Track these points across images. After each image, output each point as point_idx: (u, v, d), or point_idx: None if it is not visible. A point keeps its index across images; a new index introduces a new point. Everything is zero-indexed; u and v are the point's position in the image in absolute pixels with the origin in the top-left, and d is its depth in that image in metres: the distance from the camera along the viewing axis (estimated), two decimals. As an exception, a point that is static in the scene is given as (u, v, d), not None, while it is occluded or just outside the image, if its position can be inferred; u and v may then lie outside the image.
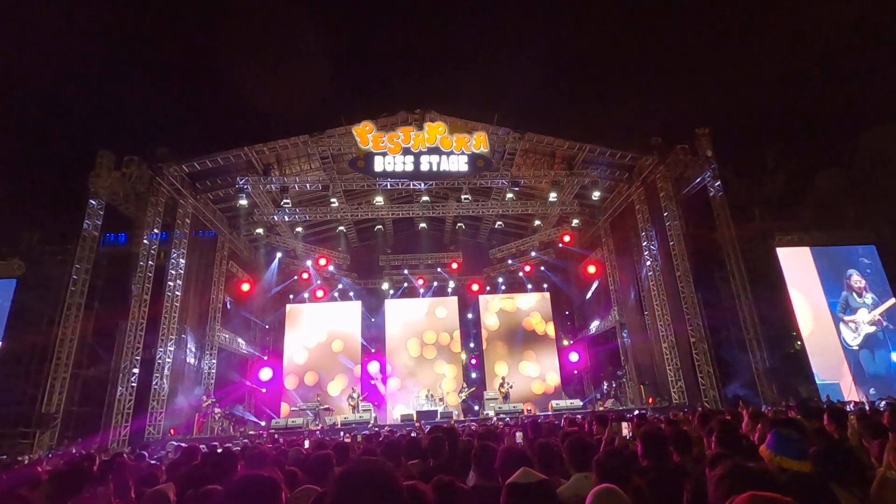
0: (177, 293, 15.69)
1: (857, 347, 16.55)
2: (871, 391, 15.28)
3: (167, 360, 15.02)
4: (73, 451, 11.75)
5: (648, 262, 17.12)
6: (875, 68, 21.01)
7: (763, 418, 3.45)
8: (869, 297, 17.11)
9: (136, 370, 13.99)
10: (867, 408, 8.77)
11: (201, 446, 4.12)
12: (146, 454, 6.97)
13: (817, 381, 15.61)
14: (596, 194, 17.97)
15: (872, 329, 16.74)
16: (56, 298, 14.87)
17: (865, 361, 16.33)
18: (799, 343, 16.78)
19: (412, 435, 6.71)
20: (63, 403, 12.98)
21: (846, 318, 16.92)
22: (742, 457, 2.79)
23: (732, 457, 2.02)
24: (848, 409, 6.61)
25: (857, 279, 17.22)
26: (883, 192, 17.86)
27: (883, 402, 10.16)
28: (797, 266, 17.23)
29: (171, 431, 14.56)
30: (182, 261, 16.04)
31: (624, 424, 4.22)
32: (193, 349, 17.01)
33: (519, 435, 4.57)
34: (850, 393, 15.30)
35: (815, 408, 4.85)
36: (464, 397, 19.80)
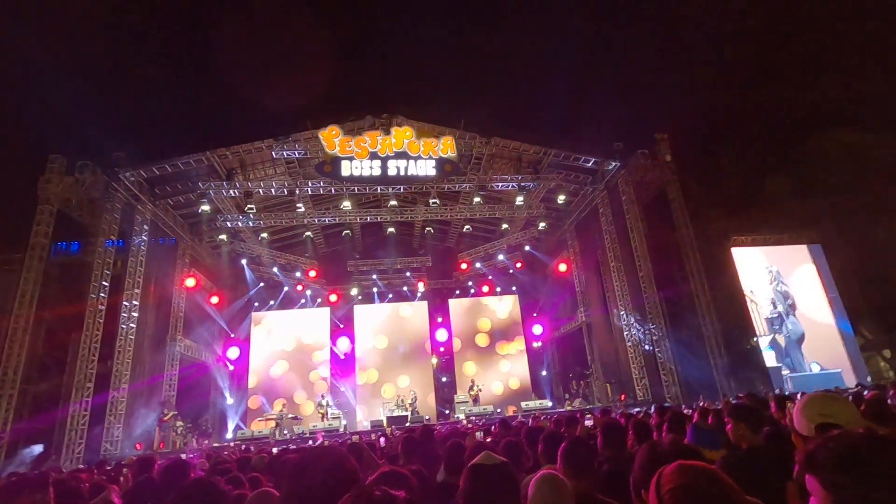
0: (135, 303, 15.10)
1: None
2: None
3: (125, 372, 14.40)
4: (24, 471, 11.12)
5: (612, 264, 17.58)
6: (821, 74, 22.27)
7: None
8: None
9: (90, 384, 13.37)
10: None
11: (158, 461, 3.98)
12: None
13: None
14: (561, 198, 18.36)
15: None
16: (2, 310, 14.08)
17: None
18: (755, 339, 17.55)
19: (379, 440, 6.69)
20: (11, 421, 12.26)
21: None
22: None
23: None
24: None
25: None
26: (827, 193, 18.94)
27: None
28: (752, 265, 18.03)
29: (137, 446, 13.97)
30: (140, 269, 15.46)
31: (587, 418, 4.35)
32: (153, 361, 16.38)
33: (479, 434, 4.65)
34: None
35: (762, 398, 5.14)
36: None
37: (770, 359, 16.94)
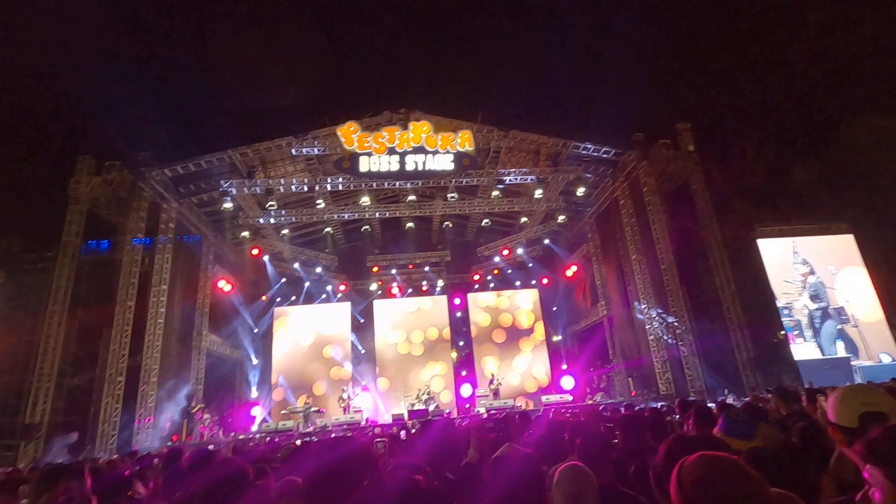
0: (162, 299, 15.50)
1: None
2: None
3: (154, 366, 14.82)
4: (61, 461, 11.57)
5: (633, 256, 17.32)
6: (851, 61, 21.50)
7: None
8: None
9: (121, 378, 13.81)
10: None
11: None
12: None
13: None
14: (581, 190, 18.13)
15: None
16: (37, 307, 14.63)
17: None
18: (782, 332, 17.07)
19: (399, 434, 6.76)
20: (47, 414, 12.77)
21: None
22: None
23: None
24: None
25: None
26: (859, 183, 18.26)
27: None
28: (780, 256, 17.49)
29: (174, 438, 14.43)
30: (167, 266, 15.85)
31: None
32: (181, 355, 16.81)
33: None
34: None
35: (792, 392, 5.00)
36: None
37: (809, 350, 16.40)
